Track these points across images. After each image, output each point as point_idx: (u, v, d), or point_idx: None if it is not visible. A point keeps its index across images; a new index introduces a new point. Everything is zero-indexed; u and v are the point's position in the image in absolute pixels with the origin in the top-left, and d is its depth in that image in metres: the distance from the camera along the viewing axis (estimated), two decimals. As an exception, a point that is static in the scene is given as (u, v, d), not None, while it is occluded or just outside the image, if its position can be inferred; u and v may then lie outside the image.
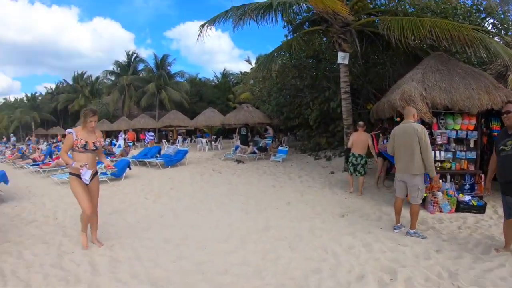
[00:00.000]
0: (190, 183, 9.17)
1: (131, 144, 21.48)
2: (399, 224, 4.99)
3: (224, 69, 42.53)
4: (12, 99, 56.85)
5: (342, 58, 9.53)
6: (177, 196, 7.59)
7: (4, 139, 41.36)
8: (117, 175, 9.89)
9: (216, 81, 41.85)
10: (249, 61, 37.51)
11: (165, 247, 4.42)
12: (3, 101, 59.24)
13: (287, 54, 12.74)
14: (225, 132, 31.26)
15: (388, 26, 7.88)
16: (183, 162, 13.37)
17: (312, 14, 11.31)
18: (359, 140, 7.44)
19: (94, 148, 4.25)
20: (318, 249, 4.27)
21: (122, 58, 38.49)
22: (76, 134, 4.13)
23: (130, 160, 13.00)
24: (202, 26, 10.58)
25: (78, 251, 4.30)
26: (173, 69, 35.89)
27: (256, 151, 14.08)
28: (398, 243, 4.40)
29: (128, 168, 10.38)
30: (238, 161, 13.27)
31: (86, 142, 4.15)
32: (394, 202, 5.11)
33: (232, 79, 41.98)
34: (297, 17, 12.08)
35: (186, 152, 13.60)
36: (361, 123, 7.60)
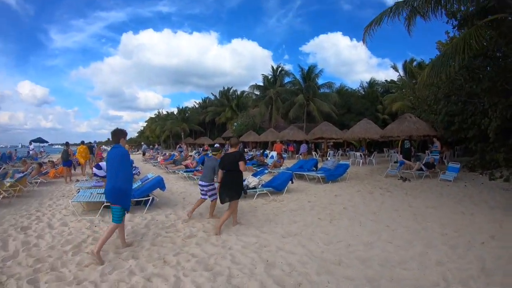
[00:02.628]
0: (362, 202, 8.33)
1: (285, 155, 20.99)
2: None
3: (371, 79, 40.59)
4: (164, 113, 65.05)
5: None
6: (355, 218, 6.79)
7: (156, 146, 47.48)
8: (278, 189, 9.60)
9: (363, 91, 40.22)
10: (395, 68, 35.09)
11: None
12: (157, 113, 68.64)
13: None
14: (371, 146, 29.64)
15: None
16: (344, 177, 12.58)
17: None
18: None
19: None
20: None
21: (268, 72, 39.86)
22: None
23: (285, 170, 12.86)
24: (367, 27, 9.87)
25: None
26: (319, 80, 35.74)
27: (424, 168, 12.53)
28: None
29: (290, 182, 9.92)
30: (404, 179, 11.86)
31: None
32: None
33: (380, 89, 39.91)
34: (462, 8, 10.58)
35: (347, 166, 12.78)
36: None
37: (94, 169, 10.49)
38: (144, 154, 30.87)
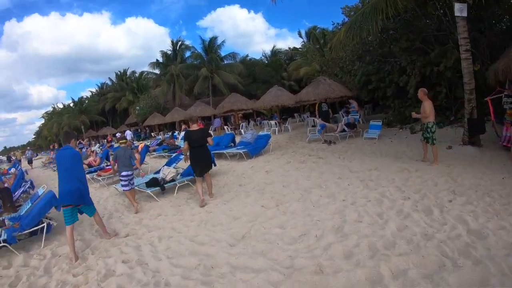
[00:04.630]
0: (300, 175, 7.35)
1: None
2: None
3: (274, 47, 40.35)
4: (61, 106, 58.09)
5: (460, 10, 7.78)
6: (303, 198, 5.70)
7: (56, 146, 42.43)
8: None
9: (266, 60, 39.82)
10: (300, 34, 35.52)
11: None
12: (51, 109, 60.90)
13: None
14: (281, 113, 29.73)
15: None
16: (267, 149, 11.52)
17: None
18: None
19: None
20: None
21: (167, 48, 37.28)
22: None
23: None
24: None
25: None
26: (222, 52, 34.14)
27: (346, 128, 12.10)
28: None
29: (212, 165, 8.48)
30: (329, 142, 11.29)
31: None
32: None
33: (283, 57, 39.96)
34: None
35: (269, 137, 11.69)
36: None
37: None
38: (30, 162, 25.33)
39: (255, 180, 7.56)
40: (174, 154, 11.41)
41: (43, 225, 5.78)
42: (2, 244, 5.28)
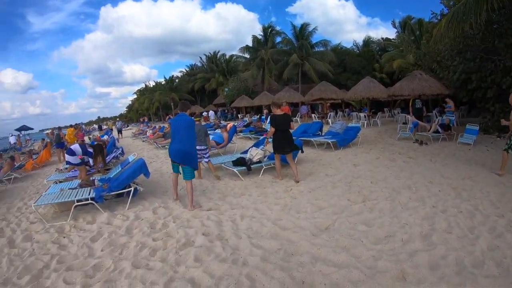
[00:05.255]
0: (388, 173, 7.18)
1: None
2: None
3: (366, 36, 38.83)
4: (152, 84, 62.96)
5: None
6: (392, 197, 5.56)
7: (146, 119, 45.95)
8: (287, 161, 7.93)
9: (357, 50, 38.58)
10: (394, 24, 33.82)
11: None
12: (143, 86, 66.55)
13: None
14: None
15: None
16: (355, 141, 11.46)
17: None
18: None
19: None
20: None
21: (257, 33, 38.16)
22: None
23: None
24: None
25: None
26: (314, 38, 33.63)
27: (440, 129, 11.56)
28: None
29: (300, 151, 8.47)
30: (420, 142, 10.88)
31: None
32: None
33: (376, 47, 38.24)
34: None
35: (358, 129, 11.50)
36: None
37: (66, 155, 8.53)
38: (120, 132, 27.42)
39: (342, 172, 7.61)
40: (262, 137, 12.18)
41: (130, 189, 6.31)
42: (90, 201, 5.93)
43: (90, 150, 8.81)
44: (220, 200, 6.14)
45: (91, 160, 9.01)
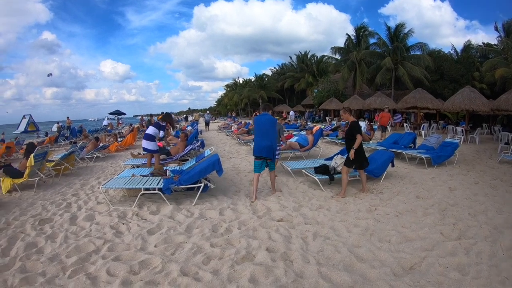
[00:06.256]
0: (491, 205, 6.09)
1: (375, 127, 16.82)
2: None
3: (467, 41, 34.95)
4: (242, 81, 65.57)
5: None
6: (492, 237, 4.56)
7: (234, 114, 47.57)
8: (375, 174, 7.77)
9: (455, 56, 35.30)
10: (497, 28, 30.40)
11: None
12: (233, 82, 69.61)
13: None
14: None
15: None
16: (451, 160, 10.41)
17: None
18: None
19: None
20: None
21: (350, 34, 36.62)
22: None
23: (380, 148, 10.77)
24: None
25: None
26: (409, 41, 31.86)
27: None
28: None
29: (390, 165, 8.11)
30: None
31: None
32: None
33: (476, 53, 34.29)
34: None
35: (456, 146, 10.42)
36: None
37: (143, 141, 8.44)
38: (207, 124, 29.37)
39: (435, 196, 6.77)
40: None
41: (200, 184, 6.17)
42: (157, 191, 6.10)
43: (163, 124, 8.73)
44: (295, 211, 5.72)
45: (161, 132, 8.59)
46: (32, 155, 7.61)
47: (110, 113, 44.45)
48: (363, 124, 16.67)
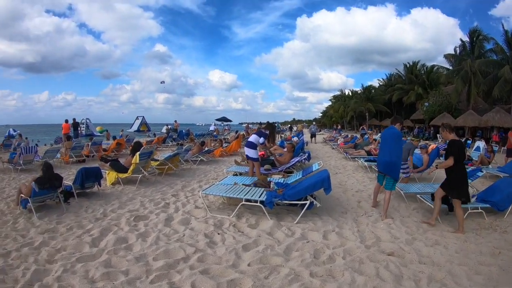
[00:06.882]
0: None
1: (496, 148, 14.35)
2: None
3: None
4: (348, 92, 63.79)
5: None
6: None
7: (339, 127, 46.60)
8: (499, 207, 6.00)
9: None
10: None
11: None
12: (339, 93, 68.22)
13: None
14: None
15: None
16: None
17: None
18: None
19: None
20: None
21: (460, 40, 33.01)
22: None
23: (503, 175, 9.06)
24: None
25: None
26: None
27: None
28: None
29: None
30: None
31: None
32: None
33: None
34: None
35: None
36: None
37: (245, 148, 8.41)
38: (313, 136, 26.64)
39: None
40: (470, 168, 8.27)
41: (306, 202, 5.51)
42: (259, 203, 5.59)
43: (266, 132, 8.66)
44: (407, 244, 4.59)
45: (262, 139, 8.45)
46: (137, 153, 8.23)
47: (217, 119, 47.43)
48: (481, 144, 14.57)
